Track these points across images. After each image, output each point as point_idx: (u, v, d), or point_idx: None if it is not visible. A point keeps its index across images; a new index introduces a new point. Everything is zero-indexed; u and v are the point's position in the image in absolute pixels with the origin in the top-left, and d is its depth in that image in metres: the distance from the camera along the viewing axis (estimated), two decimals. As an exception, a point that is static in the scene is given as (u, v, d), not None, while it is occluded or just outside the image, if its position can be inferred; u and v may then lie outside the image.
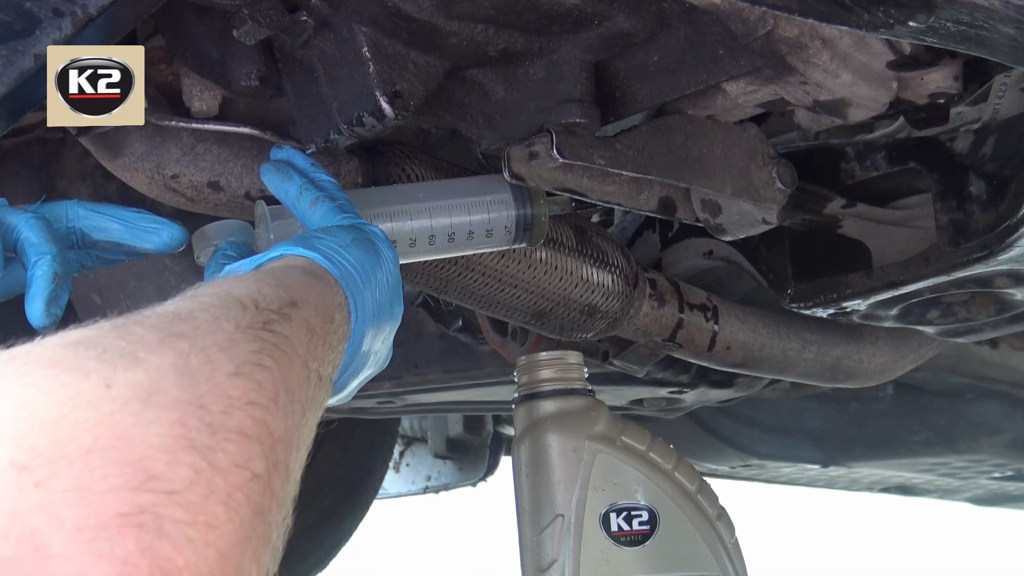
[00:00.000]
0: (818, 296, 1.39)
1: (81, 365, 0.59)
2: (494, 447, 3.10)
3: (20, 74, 0.97)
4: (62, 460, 0.54)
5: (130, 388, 0.59)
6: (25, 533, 0.51)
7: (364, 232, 0.98)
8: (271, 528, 0.63)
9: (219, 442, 0.60)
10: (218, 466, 0.59)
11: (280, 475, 0.65)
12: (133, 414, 0.57)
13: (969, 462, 2.61)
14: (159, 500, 0.55)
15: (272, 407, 0.66)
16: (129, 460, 0.55)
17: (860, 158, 1.35)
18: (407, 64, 1.06)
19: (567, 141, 1.09)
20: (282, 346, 0.72)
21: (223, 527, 0.57)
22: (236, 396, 0.64)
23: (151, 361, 0.62)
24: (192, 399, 0.61)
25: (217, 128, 1.16)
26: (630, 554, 1.21)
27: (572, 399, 1.28)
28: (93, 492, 0.53)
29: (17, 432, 0.55)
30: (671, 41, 1.09)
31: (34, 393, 0.57)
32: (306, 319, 0.79)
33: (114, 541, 0.52)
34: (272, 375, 0.68)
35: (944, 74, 1.11)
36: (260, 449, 0.63)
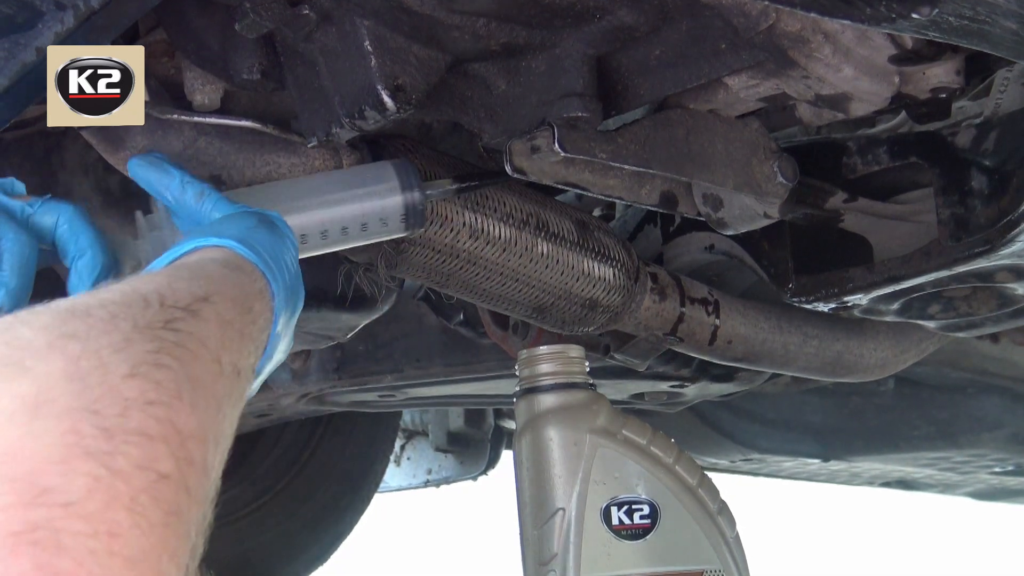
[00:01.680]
0: (819, 290, 1.39)
1: None
2: (495, 441, 3.10)
3: (22, 67, 0.97)
4: None
5: (15, 400, 0.57)
6: None
7: (264, 216, 0.97)
8: (188, 527, 0.61)
9: (117, 446, 0.57)
10: (119, 471, 0.57)
11: (195, 472, 0.63)
12: (20, 426, 0.55)
13: (970, 457, 2.62)
14: (54, 514, 0.53)
15: (176, 404, 0.64)
16: (19, 475, 0.53)
17: (862, 152, 1.35)
18: (409, 58, 1.06)
19: (569, 135, 1.09)
20: (186, 343, 0.69)
21: (128, 534, 0.55)
22: (132, 397, 0.61)
23: (38, 368, 0.59)
24: (83, 405, 0.58)
25: (219, 122, 1.16)
26: (631, 548, 1.22)
27: (573, 393, 1.28)
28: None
29: None
30: (673, 35, 1.09)
31: None
32: (219, 313, 0.77)
33: (7, 562, 0.50)
34: (174, 373, 0.65)
35: (946, 69, 1.11)
36: (166, 448, 0.61)
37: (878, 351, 1.64)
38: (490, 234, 1.24)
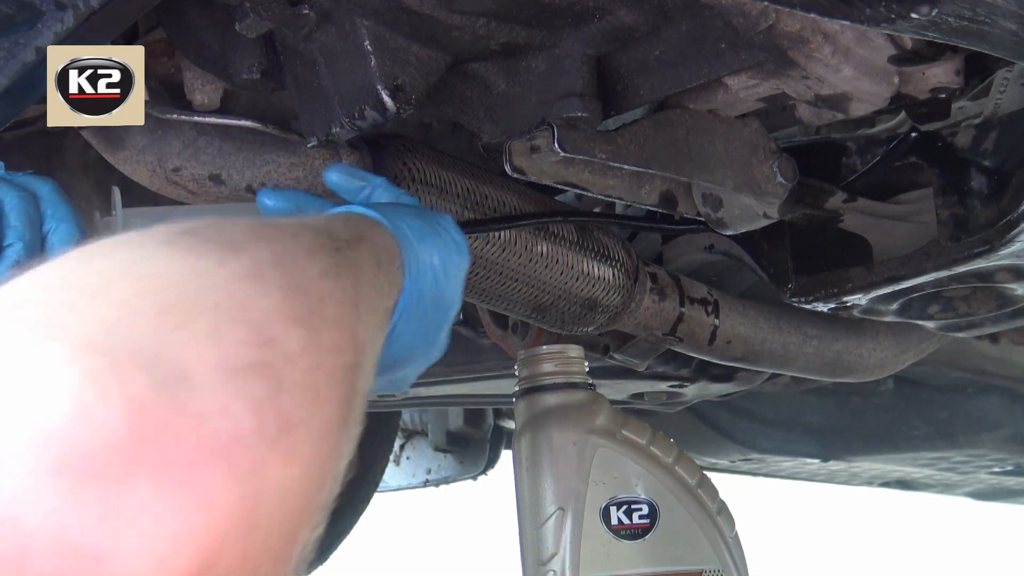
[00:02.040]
0: (819, 290, 1.39)
1: (194, 248, 0.63)
2: (495, 441, 3.10)
3: (22, 67, 0.97)
4: (194, 312, 0.57)
5: (240, 268, 0.63)
6: (174, 361, 0.54)
7: (428, 212, 1.02)
8: (355, 421, 0.68)
9: (319, 324, 0.64)
10: (322, 345, 0.63)
11: (363, 375, 0.70)
12: (247, 287, 0.62)
13: (969, 456, 2.61)
14: (278, 360, 0.59)
15: (354, 313, 0.71)
16: (250, 321, 0.59)
17: (861, 153, 1.35)
18: (409, 57, 1.06)
19: (569, 135, 1.09)
20: (354, 268, 0.76)
21: (328, 400, 0.62)
22: (327, 292, 0.68)
23: (251, 250, 0.66)
24: (292, 284, 0.65)
25: (219, 121, 1.16)
26: (630, 547, 1.22)
27: (573, 393, 1.28)
28: (226, 340, 0.57)
29: (152, 287, 0.58)
30: (673, 35, 1.09)
31: (157, 264, 0.61)
32: (373, 253, 0.84)
33: (247, 385, 0.56)
34: (352, 286, 0.73)
35: (945, 69, 1.11)
36: (352, 342, 0.68)
37: (878, 351, 1.64)
38: (490, 233, 1.24)
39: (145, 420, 0.51)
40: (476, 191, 1.24)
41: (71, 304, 0.56)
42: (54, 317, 0.55)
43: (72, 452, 0.49)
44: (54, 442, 0.49)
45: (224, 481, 0.52)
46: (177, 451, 0.51)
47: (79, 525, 0.48)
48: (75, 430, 0.49)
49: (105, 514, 0.49)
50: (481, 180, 1.27)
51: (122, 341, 0.54)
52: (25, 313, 0.55)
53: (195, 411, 0.53)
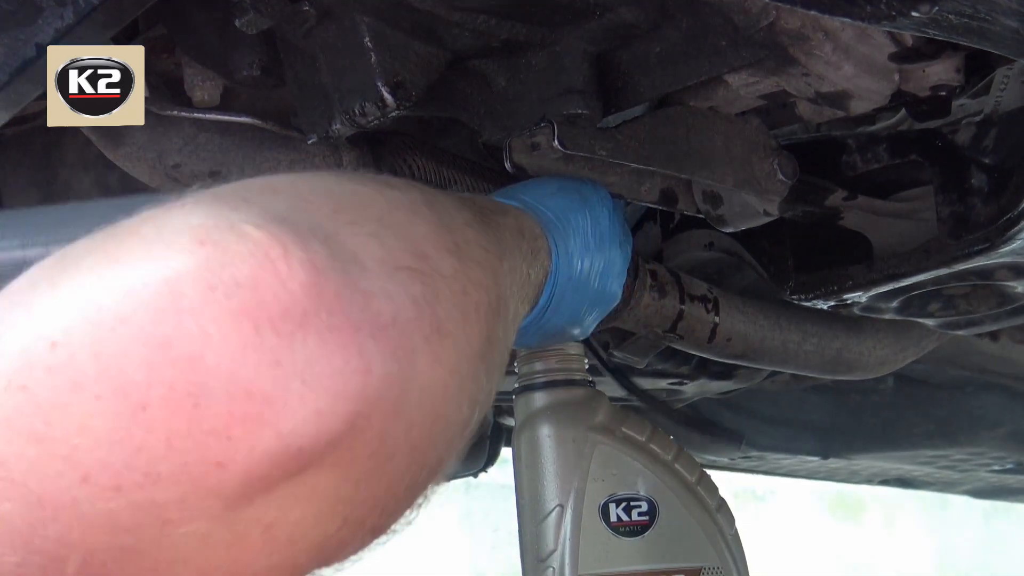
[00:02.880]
0: (819, 288, 1.39)
1: (357, 180, 0.71)
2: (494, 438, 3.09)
3: (22, 63, 0.97)
4: (361, 218, 0.63)
5: (397, 200, 0.69)
6: (346, 245, 0.59)
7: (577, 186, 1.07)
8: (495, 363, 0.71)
9: (465, 260, 0.69)
10: (470, 277, 0.68)
11: (503, 322, 0.73)
12: (405, 214, 0.67)
13: (969, 455, 2.61)
14: (433, 273, 0.64)
15: (499, 263, 0.75)
16: (408, 237, 0.64)
17: (861, 150, 1.35)
18: (409, 54, 1.06)
19: (569, 132, 1.09)
20: (497, 230, 0.81)
21: (472, 328, 0.66)
22: (472, 238, 0.72)
23: (401, 188, 0.72)
24: (441, 222, 0.70)
25: (219, 118, 1.16)
26: (629, 544, 1.22)
27: (572, 390, 1.28)
28: (389, 244, 0.62)
29: (323, 191, 0.65)
30: (673, 32, 1.09)
31: (328, 183, 0.68)
32: (517, 224, 0.89)
33: (408, 280, 0.61)
34: (496, 239, 0.77)
35: (946, 66, 1.11)
36: (495, 286, 0.72)
37: (878, 349, 1.64)
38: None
39: (322, 283, 0.55)
40: (476, 189, 1.24)
41: (261, 192, 0.62)
42: (247, 198, 0.59)
43: (255, 301, 0.53)
44: (240, 290, 0.53)
45: (382, 356, 0.56)
46: (346, 317, 0.55)
47: (254, 369, 0.52)
48: (260, 281, 0.53)
49: (277, 361, 0.52)
50: (481, 177, 1.27)
51: (303, 219, 0.58)
52: (218, 194, 0.60)
53: (365, 288, 0.57)
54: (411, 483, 0.62)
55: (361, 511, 0.59)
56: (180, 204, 0.58)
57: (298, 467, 0.53)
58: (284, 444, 0.52)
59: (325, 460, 0.54)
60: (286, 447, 0.52)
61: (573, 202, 1.04)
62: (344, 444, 0.54)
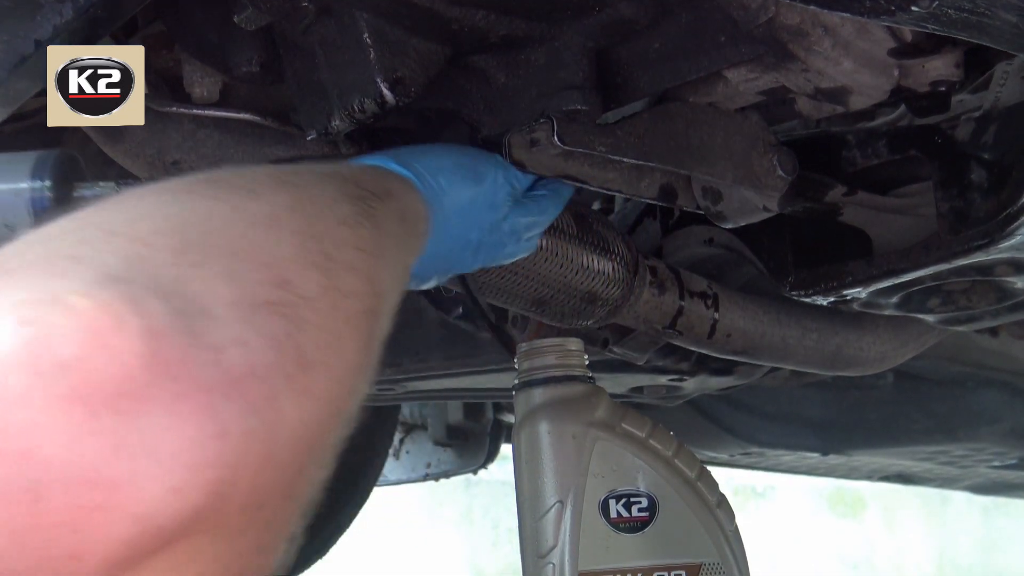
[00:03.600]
0: (818, 284, 1.39)
1: (212, 194, 0.65)
2: (494, 434, 3.10)
3: (20, 59, 0.97)
4: (212, 252, 0.59)
5: (256, 215, 0.64)
6: (190, 294, 0.55)
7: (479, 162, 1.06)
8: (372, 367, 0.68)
9: (337, 270, 0.65)
10: (340, 288, 0.64)
11: (379, 323, 0.71)
12: (263, 232, 0.63)
13: (969, 450, 2.62)
14: (296, 301, 0.60)
15: (375, 260, 0.72)
16: (267, 263, 0.60)
17: (861, 146, 1.35)
18: (408, 50, 1.06)
19: (568, 128, 1.09)
20: (378, 218, 0.77)
21: (348, 343, 0.63)
22: (345, 239, 0.69)
23: (270, 197, 0.67)
24: (308, 231, 0.66)
25: (218, 114, 1.16)
26: (629, 540, 1.22)
27: (572, 386, 1.28)
28: (242, 280, 0.58)
29: (169, 228, 0.59)
30: (672, 28, 1.09)
31: (177, 208, 0.62)
32: (398, 208, 0.85)
33: (265, 321, 0.57)
34: (373, 235, 0.74)
35: (945, 62, 1.11)
36: (371, 289, 0.69)
37: (877, 345, 1.64)
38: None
39: (162, 349, 0.51)
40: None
41: (92, 240, 0.57)
42: (74, 251, 0.55)
43: (87, 382, 0.49)
44: (69, 372, 0.49)
45: (240, 413, 0.53)
46: (193, 381, 0.52)
47: (94, 455, 0.49)
48: (91, 359, 0.49)
49: (120, 443, 0.49)
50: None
51: (140, 273, 0.54)
52: (48, 249, 0.56)
53: (212, 342, 0.53)
54: (288, 515, 0.60)
55: (242, 560, 0.57)
56: (6, 272, 0.53)
57: (161, 544, 0.51)
58: (140, 527, 0.49)
59: (192, 529, 0.51)
60: (143, 530, 0.49)
61: (466, 180, 1.04)
62: (210, 510, 0.52)
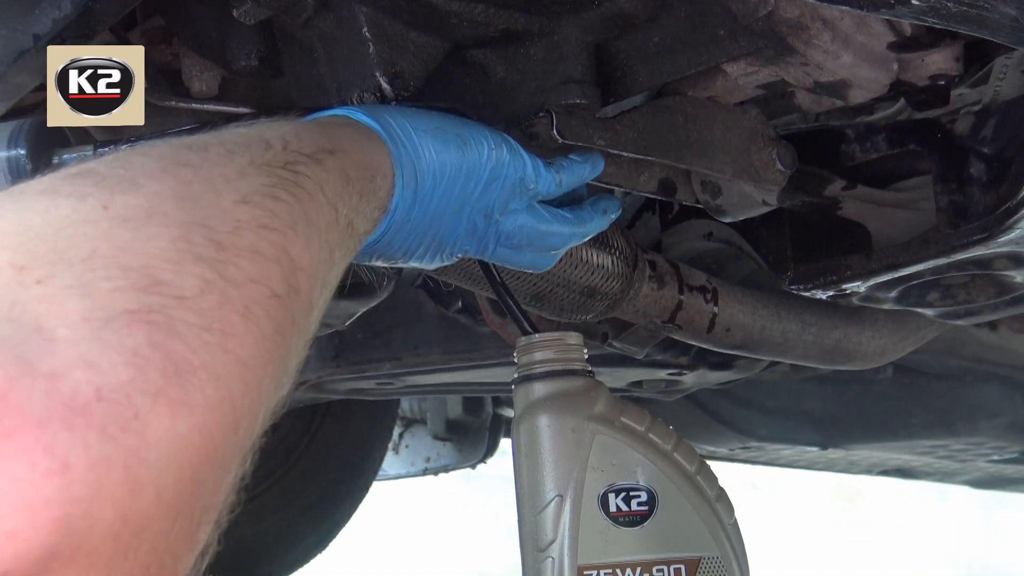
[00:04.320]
0: (818, 278, 1.39)
1: (77, 191, 0.59)
2: (493, 428, 3.11)
3: (19, 54, 0.97)
4: (62, 263, 0.53)
5: (128, 209, 0.59)
6: (26, 317, 0.50)
7: (469, 131, 1.00)
8: (291, 352, 0.64)
9: (229, 257, 0.60)
10: (231, 279, 0.59)
11: (302, 303, 0.66)
12: (132, 230, 0.57)
13: (968, 445, 2.62)
14: (169, 303, 0.55)
15: (290, 234, 0.66)
16: (133, 266, 0.55)
17: (860, 140, 1.35)
18: (407, 44, 1.06)
19: (567, 122, 1.09)
20: (304, 184, 0.71)
21: (242, 336, 0.58)
22: (244, 220, 0.63)
23: (150, 187, 0.61)
24: (194, 219, 0.60)
25: (217, 109, 1.16)
26: (629, 534, 1.21)
27: (571, 380, 1.28)
28: (97, 290, 0.53)
29: (14, 240, 0.54)
30: (672, 22, 1.09)
31: (30, 214, 0.57)
32: (342, 166, 0.79)
33: (123, 333, 0.52)
34: (289, 206, 0.68)
35: (945, 55, 1.11)
36: (279, 269, 0.63)
37: (876, 339, 1.64)
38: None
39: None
40: None
41: None
42: None
43: None
44: None
45: (83, 442, 0.49)
46: (24, 415, 0.48)
47: None
48: None
49: None
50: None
51: None
52: None
53: (48, 368, 0.49)
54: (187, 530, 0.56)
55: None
56: None
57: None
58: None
59: (52, 567, 0.48)
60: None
61: (447, 145, 0.96)
62: (65, 547, 0.48)
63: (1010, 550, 6.78)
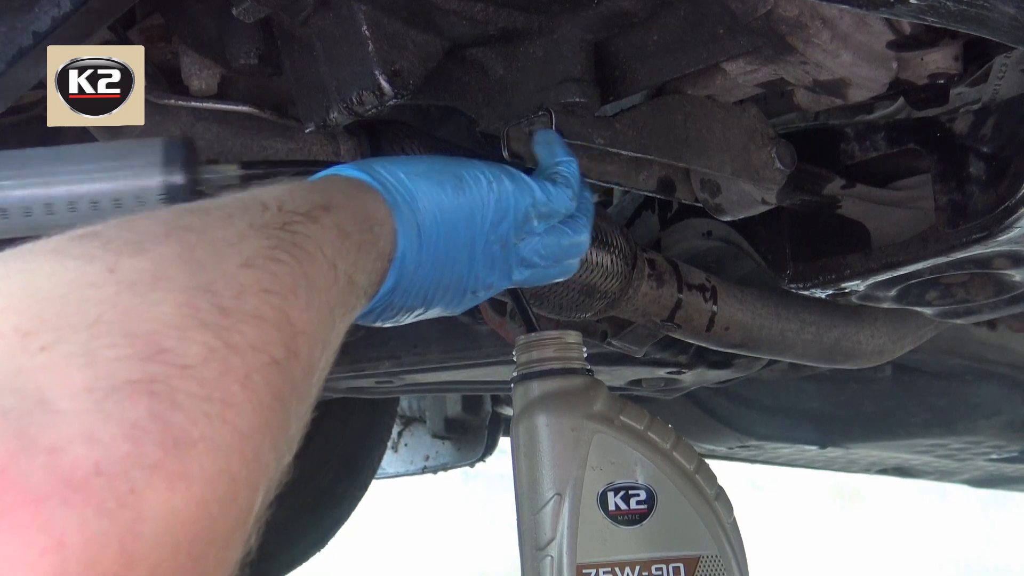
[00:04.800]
0: (817, 277, 1.39)
1: (85, 253, 0.59)
2: (492, 427, 3.10)
3: (19, 51, 0.97)
4: (67, 329, 0.53)
5: (135, 272, 0.58)
6: (29, 387, 0.50)
7: (462, 168, 0.98)
8: (290, 418, 0.63)
9: (233, 323, 0.59)
10: (234, 346, 0.58)
11: (301, 367, 0.65)
12: (139, 295, 0.57)
13: (967, 443, 2.62)
14: (171, 372, 0.54)
15: (291, 297, 0.65)
16: (138, 333, 0.55)
17: (859, 138, 1.35)
18: (406, 43, 1.06)
19: (566, 120, 1.09)
20: (303, 244, 0.71)
21: (242, 406, 0.57)
22: (248, 284, 0.63)
23: (156, 250, 0.61)
24: (199, 284, 0.60)
25: (216, 107, 1.16)
26: (628, 533, 1.21)
27: (571, 378, 1.28)
28: (101, 358, 0.52)
29: (20, 304, 0.54)
30: (671, 20, 1.09)
31: (37, 276, 0.56)
32: (338, 222, 0.78)
33: (124, 404, 0.51)
34: (290, 268, 0.67)
35: (944, 54, 1.11)
36: (279, 335, 0.63)
37: (876, 338, 1.64)
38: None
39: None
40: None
41: None
42: None
43: None
44: None
45: (80, 519, 0.48)
46: (22, 491, 0.47)
47: None
48: None
49: None
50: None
51: None
52: None
53: (48, 442, 0.49)
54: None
55: None
56: None
57: None
58: None
59: None
60: None
61: (443, 184, 0.94)
62: None
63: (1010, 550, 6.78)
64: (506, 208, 0.99)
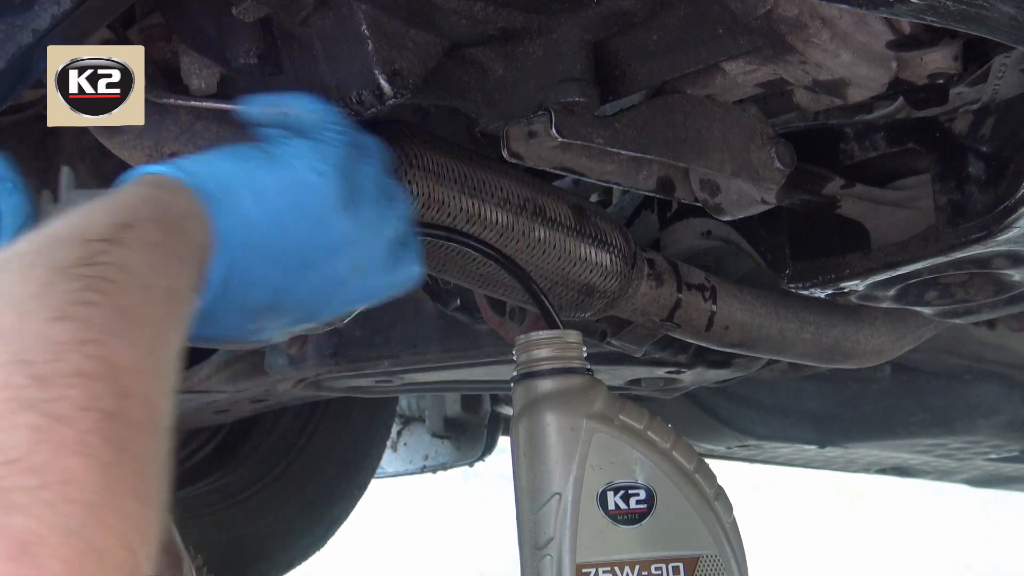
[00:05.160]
0: (816, 276, 1.39)
1: None
2: (492, 426, 3.10)
3: (19, 49, 0.97)
4: None
5: None
6: None
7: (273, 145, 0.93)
8: (143, 461, 0.59)
9: (56, 391, 0.56)
10: (60, 417, 0.55)
11: (138, 405, 0.60)
12: None
13: (966, 443, 2.62)
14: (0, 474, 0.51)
15: (110, 340, 0.61)
16: None
17: (859, 138, 1.35)
18: (406, 42, 1.06)
19: (566, 120, 1.09)
20: (110, 275, 0.66)
21: (82, 478, 0.54)
22: (63, 340, 0.59)
23: None
24: (12, 357, 0.56)
25: (215, 106, 1.16)
26: (627, 532, 1.21)
27: (570, 378, 1.28)
28: None
29: None
30: (670, 20, 1.09)
31: None
32: (142, 237, 0.73)
33: None
34: (101, 308, 0.63)
35: (944, 54, 1.11)
36: (106, 385, 0.59)
37: (875, 337, 1.64)
38: (487, 219, 1.24)
39: None
40: (473, 177, 1.24)
41: None
42: None
43: None
44: None
45: None
46: None
47: None
48: None
49: None
50: (478, 166, 1.26)
51: None
52: None
53: None
54: None
55: None
56: None
57: None
58: None
59: None
60: None
61: (255, 161, 0.90)
62: None
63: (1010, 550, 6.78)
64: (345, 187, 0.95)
